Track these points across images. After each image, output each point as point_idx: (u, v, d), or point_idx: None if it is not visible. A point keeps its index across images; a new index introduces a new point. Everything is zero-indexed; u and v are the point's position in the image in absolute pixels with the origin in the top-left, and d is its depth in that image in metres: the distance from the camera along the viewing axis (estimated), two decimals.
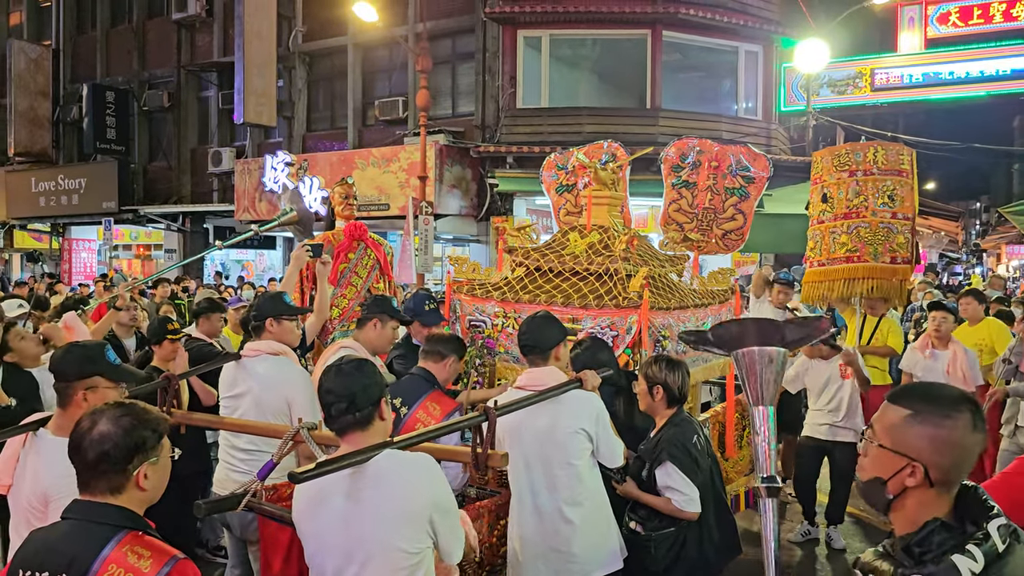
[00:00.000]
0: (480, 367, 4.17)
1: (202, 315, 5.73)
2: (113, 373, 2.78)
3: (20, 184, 21.22)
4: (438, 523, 2.31)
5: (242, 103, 16.64)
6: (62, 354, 2.85)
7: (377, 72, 17.13)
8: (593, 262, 4.15)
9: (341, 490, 2.30)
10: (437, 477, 2.35)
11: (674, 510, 3.36)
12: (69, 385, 2.73)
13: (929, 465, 1.54)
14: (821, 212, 6.11)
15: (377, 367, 2.49)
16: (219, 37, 18.52)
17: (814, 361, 5.65)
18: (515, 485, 3.30)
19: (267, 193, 16.40)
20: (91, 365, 2.74)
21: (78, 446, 2.00)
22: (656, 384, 3.46)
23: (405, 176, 14.47)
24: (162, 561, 1.90)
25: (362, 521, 2.27)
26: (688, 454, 3.37)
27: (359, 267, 6.48)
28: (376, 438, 2.36)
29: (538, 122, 14.67)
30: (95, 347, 2.84)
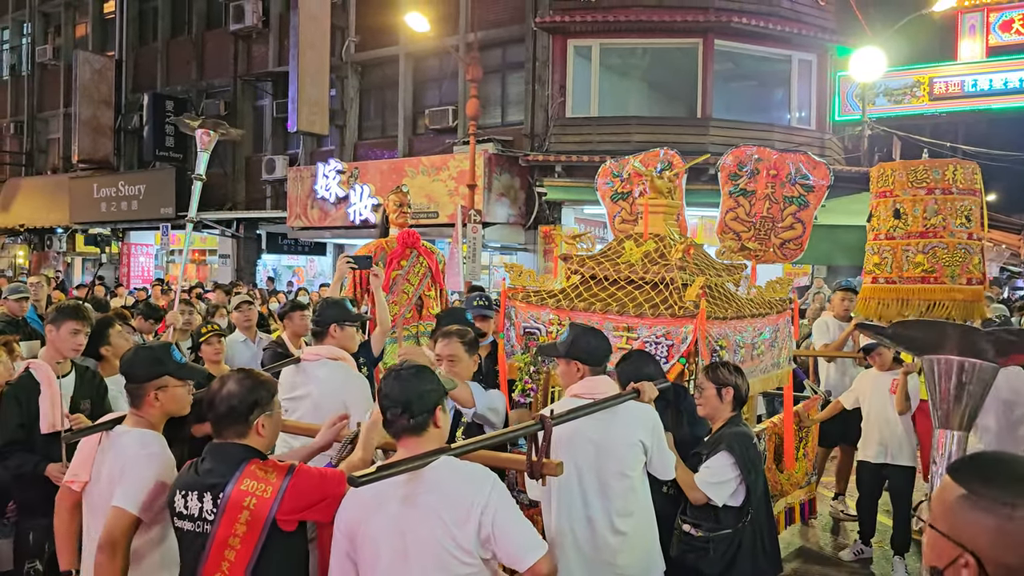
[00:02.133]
0: (535, 374, 4.16)
1: (284, 317, 5.83)
2: (180, 372, 2.88)
3: (82, 190, 21.87)
4: (493, 533, 2.27)
5: (295, 112, 16.92)
6: (131, 357, 2.94)
7: (428, 81, 17.30)
8: (649, 271, 4.12)
9: (397, 495, 2.31)
10: (495, 486, 2.33)
11: (690, 484, 3.40)
12: (140, 386, 2.82)
13: (985, 560, 1.26)
14: (892, 227, 5.91)
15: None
16: (274, 48, 18.89)
17: (870, 376, 5.53)
18: (565, 494, 3.27)
19: (319, 200, 16.64)
20: (160, 366, 2.83)
21: (212, 402, 2.54)
22: (727, 386, 3.53)
23: (454, 184, 14.56)
24: (284, 471, 2.46)
25: (418, 527, 2.28)
26: (750, 448, 3.43)
27: (411, 275, 6.53)
28: (431, 444, 2.36)
29: (587, 131, 14.66)
30: (162, 348, 2.93)
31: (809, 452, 5.21)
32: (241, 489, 2.41)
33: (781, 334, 4.57)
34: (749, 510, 3.45)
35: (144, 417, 2.81)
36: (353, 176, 16.16)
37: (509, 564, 2.32)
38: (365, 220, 15.77)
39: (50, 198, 23.03)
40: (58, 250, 23.94)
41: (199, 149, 6.13)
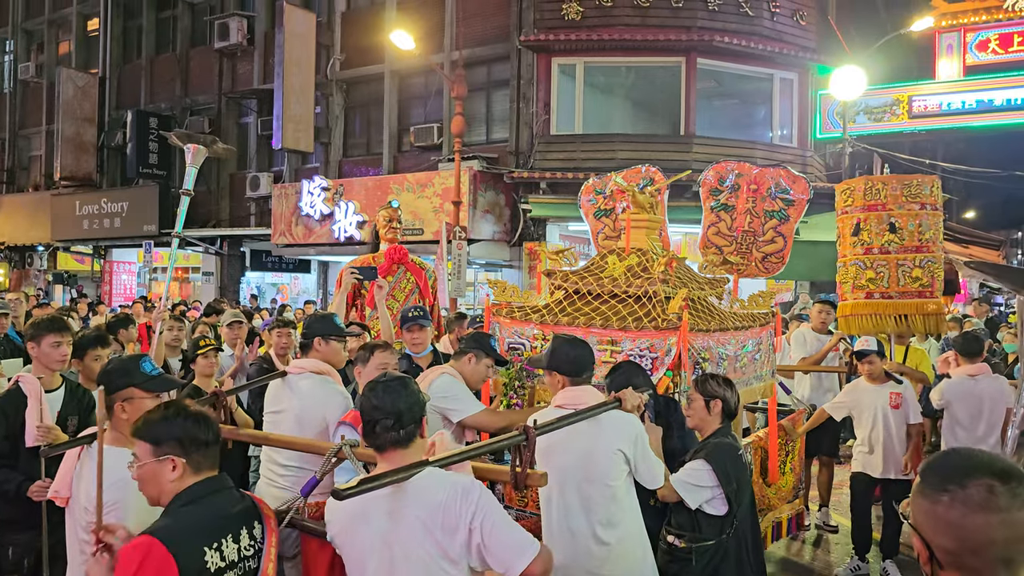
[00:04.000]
0: (519, 389, 4.17)
1: (271, 332, 5.83)
2: (148, 384, 2.84)
3: (64, 207, 21.74)
4: (483, 541, 2.27)
5: (280, 129, 16.95)
6: (103, 369, 2.96)
7: (413, 99, 17.37)
8: (632, 284, 4.15)
9: (382, 508, 2.31)
10: (482, 493, 2.33)
11: (654, 476, 3.34)
12: (110, 398, 2.81)
13: (932, 546, 1.37)
14: (887, 242, 5.94)
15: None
16: (259, 65, 18.92)
17: (863, 389, 5.58)
18: (545, 505, 3.28)
19: (303, 217, 16.63)
20: (126, 378, 2.82)
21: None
22: (715, 398, 3.58)
23: (439, 201, 14.60)
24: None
25: (406, 540, 2.27)
26: (733, 461, 3.46)
27: (396, 290, 6.55)
28: (416, 456, 2.37)
29: (572, 148, 14.75)
30: (130, 361, 2.91)
31: (796, 466, 5.24)
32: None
33: (764, 347, 4.60)
34: (733, 521, 3.46)
35: (121, 432, 2.79)
36: (338, 193, 16.17)
37: (502, 570, 2.30)
38: (350, 237, 15.76)
39: (31, 215, 22.88)
40: (39, 268, 23.74)
41: (188, 164, 6.12)
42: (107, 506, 2.61)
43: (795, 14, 15.01)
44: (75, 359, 4.31)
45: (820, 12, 15.58)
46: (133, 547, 2.12)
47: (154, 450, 2.27)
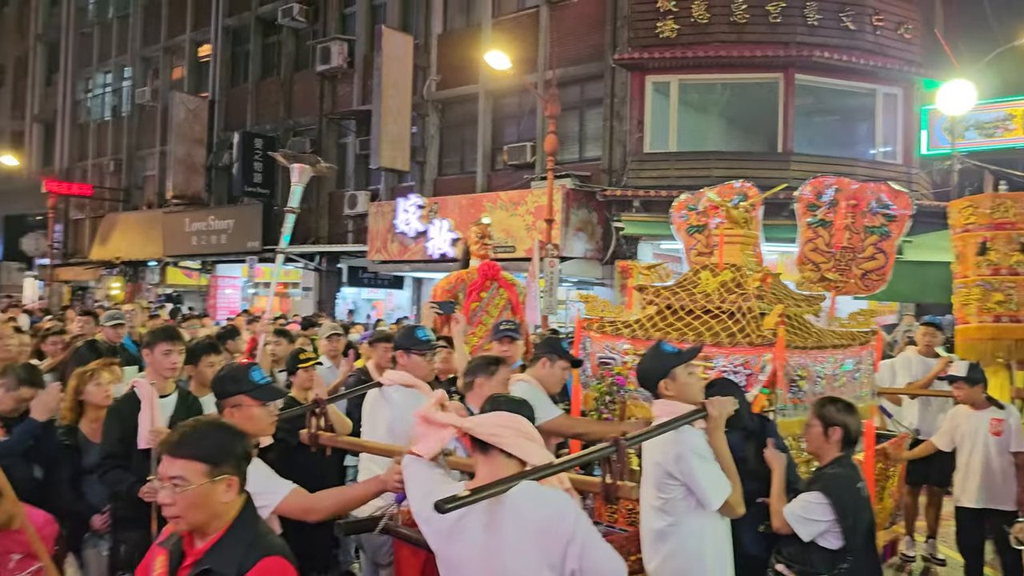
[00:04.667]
0: (610, 404, 4.16)
1: (372, 345, 5.98)
2: (256, 392, 2.96)
3: (175, 225, 22.90)
4: (579, 567, 2.27)
5: (378, 149, 17.41)
6: (216, 377, 3.11)
7: (506, 118, 17.59)
8: (725, 300, 4.09)
9: (479, 521, 2.32)
10: (578, 515, 2.34)
11: (778, 511, 3.31)
12: (220, 404, 2.95)
13: None
14: (1017, 263, 5.61)
15: (529, 404, 2.56)
16: (358, 87, 19.53)
17: (963, 415, 5.31)
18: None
19: (399, 235, 17.02)
20: (235, 385, 2.95)
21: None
22: (834, 425, 3.44)
23: (531, 219, 14.70)
24: None
25: (504, 555, 2.28)
26: (850, 493, 3.33)
27: (490, 306, 6.61)
28: (514, 468, 2.40)
29: (665, 166, 14.63)
30: (241, 369, 3.04)
31: (895, 492, 5.03)
32: None
33: (864, 367, 4.45)
34: (847, 556, 3.31)
35: None
36: (432, 211, 16.49)
37: None
38: (444, 254, 16.03)
39: (144, 232, 24.17)
40: (151, 282, 25.02)
41: (293, 183, 6.36)
42: None
43: (899, 27, 14.52)
44: (189, 365, 4.54)
45: (926, 25, 15.02)
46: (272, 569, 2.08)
47: (210, 470, 2.08)
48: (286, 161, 6.29)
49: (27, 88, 31.20)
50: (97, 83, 28.60)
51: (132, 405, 3.95)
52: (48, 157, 30.08)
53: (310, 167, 6.24)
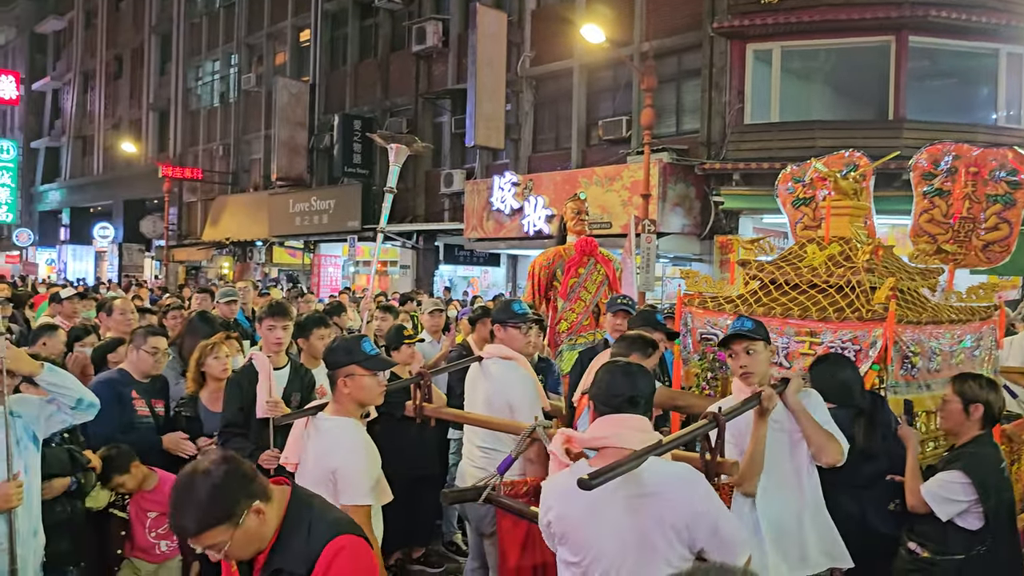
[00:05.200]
0: (712, 380, 4.10)
1: (475, 322, 6.06)
2: (367, 362, 3.04)
3: (280, 205, 23.71)
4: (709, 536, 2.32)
5: (473, 127, 17.52)
6: (328, 348, 3.22)
7: (601, 92, 17.39)
8: (833, 274, 3.95)
9: (617, 496, 2.33)
10: (708, 489, 2.38)
11: (914, 489, 3.23)
12: (334, 374, 3.05)
13: None
14: None
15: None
16: (453, 66, 19.67)
17: None
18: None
19: (494, 212, 17.13)
20: (347, 356, 3.04)
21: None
22: (976, 402, 3.32)
23: (627, 195, 14.53)
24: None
25: (635, 527, 2.31)
26: (992, 474, 3.21)
27: (588, 282, 6.59)
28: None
29: (767, 138, 14.17)
30: (353, 340, 3.14)
31: (1021, 475, 4.77)
32: None
33: (984, 343, 4.23)
34: (986, 538, 3.20)
35: (341, 404, 3.04)
36: (528, 188, 16.51)
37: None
38: (539, 231, 16.05)
39: (251, 213, 25.13)
40: (257, 261, 26.04)
41: (391, 163, 6.48)
42: (326, 472, 2.87)
43: None
44: (301, 338, 4.73)
45: None
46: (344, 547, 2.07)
47: (233, 522, 1.99)
48: (383, 142, 6.42)
49: (143, 78, 32.77)
50: (206, 71, 29.79)
51: (251, 376, 4.15)
52: (163, 143, 31.59)
53: (406, 147, 6.35)
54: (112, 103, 34.98)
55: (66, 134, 38.26)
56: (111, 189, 33.90)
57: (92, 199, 35.65)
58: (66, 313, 7.59)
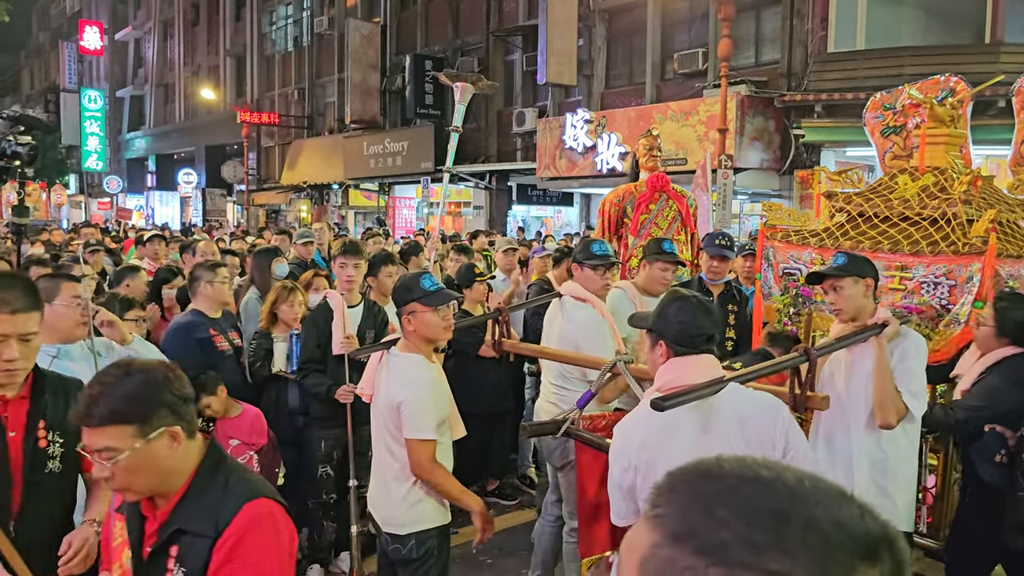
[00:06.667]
0: (794, 316, 3.99)
1: (558, 263, 6.15)
2: (427, 299, 3.03)
3: (354, 149, 23.93)
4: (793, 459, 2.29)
5: (544, 64, 17.23)
6: (393, 288, 3.31)
7: (676, 24, 16.82)
8: (927, 206, 3.76)
9: (692, 420, 2.31)
10: (788, 414, 2.34)
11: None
12: (400, 312, 3.09)
13: None
14: None
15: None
16: (524, 2, 19.31)
17: None
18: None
19: (567, 151, 16.91)
20: (408, 294, 3.06)
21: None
22: None
23: (704, 129, 14.13)
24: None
25: (718, 451, 2.27)
26: None
27: (659, 218, 6.47)
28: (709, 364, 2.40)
29: (852, 66, 13.50)
30: (413, 278, 3.15)
31: None
32: None
33: None
34: None
35: (409, 341, 3.08)
36: (600, 125, 16.22)
37: None
38: (612, 169, 15.80)
39: (327, 157, 25.44)
40: (334, 204, 26.45)
41: (456, 102, 6.42)
42: (393, 405, 2.94)
43: None
44: (370, 276, 4.82)
45: None
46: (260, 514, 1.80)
47: (139, 430, 1.73)
48: (449, 80, 6.36)
49: (219, 25, 33.21)
50: (279, 16, 29.97)
51: (326, 314, 4.25)
52: (240, 89, 32.12)
53: (472, 85, 6.27)
54: (191, 50, 35.64)
55: (148, 82, 39.26)
56: (193, 136, 34.76)
57: (175, 146, 36.66)
58: (151, 255, 7.90)
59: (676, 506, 0.70)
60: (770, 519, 0.65)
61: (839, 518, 0.66)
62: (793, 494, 0.67)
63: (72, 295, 3.13)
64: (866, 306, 3.09)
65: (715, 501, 0.67)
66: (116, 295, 3.91)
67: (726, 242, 4.96)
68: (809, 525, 0.65)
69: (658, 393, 2.26)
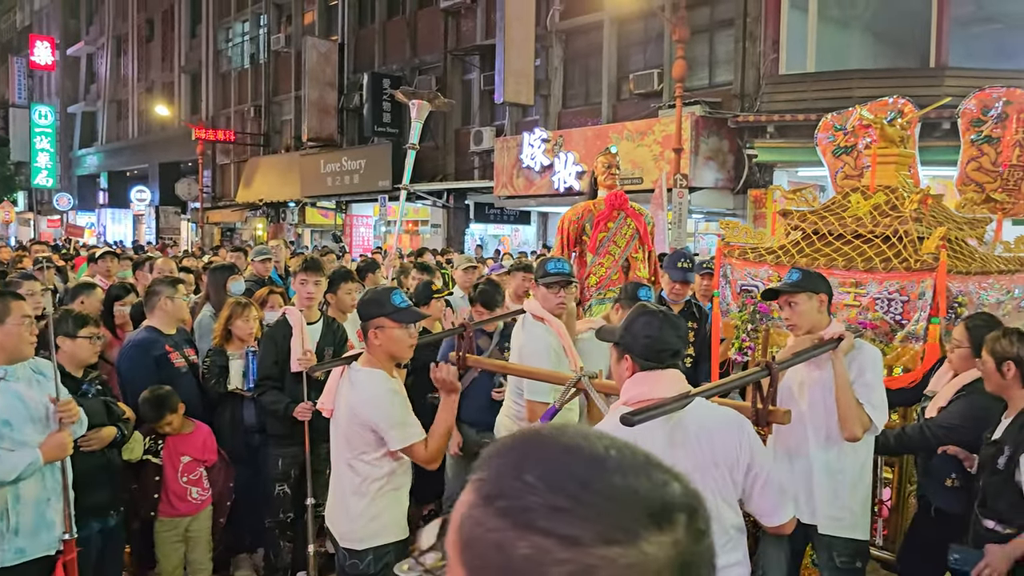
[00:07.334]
0: (752, 332, 4.04)
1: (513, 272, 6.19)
2: (397, 315, 3.02)
3: (311, 166, 23.75)
4: (754, 484, 2.32)
5: (502, 84, 17.33)
6: (360, 300, 3.26)
7: (632, 45, 17.06)
8: (879, 224, 3.85)
9: (661, 434, 2.30)
10: (752, 432, 2.37)
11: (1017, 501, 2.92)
12: (365, 325, 3.07)
13: None
14: None
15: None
16: (481, 22, 19.41)
17: None
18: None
19: (524, 169, 17.00)
20: (378, 308, 3.03)
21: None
22: (1007, 360, 3.04)
23: (659, 149, 14.32)
24: None
25: (686, 466, 2.28)
26: None
27: (618, 236, 6.51)
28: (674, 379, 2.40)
29: (802, 88, 13.82)
30: (383, 292, 3.13)
31: None
32: None
33: None
34: None
35: (372, 356, 3.05)
36: (558, 144, 16.34)
37: (757, 515, 2.35)
38: (569, 188, 15.91)
39: (284, 175, 25.21)
40: (291, 222, 26.19)
41: (413, 120, 6.43)
42: (363, 425, 2.91)
43: None
44: (329, 293, 4.78)
45: None
46: None
47: None
48: (405, 98, 6.38)
49: (174, 41, 32.81)
50: (236, 32, 29.72)
51: (285, 331, 4.20)
52: (195, 106, 31.72)
53: (428, 103, 6.29)
54: (145, 66, 35.13)
55: (101, 98, 38.57)
56: (146, 152, 34.19)
57: (128, 163, 36.02)
58: (103, 273, 7.75)
59: (493, 470, 0.72)
60: (573, 485, 0.68)
61: (636, 486, 0.68)
62: (599, 462, 0.70)
63: (22, 315, 3.08)
64: (820, 321, 3.15)
65: (528, 467, 0.70)
66: (69, 311, 3.81)
67: (688, 264, 5.01)
68: (603, 491, 0.68)
69: (625, 407, 2.27)
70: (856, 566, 3.15)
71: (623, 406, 2.31)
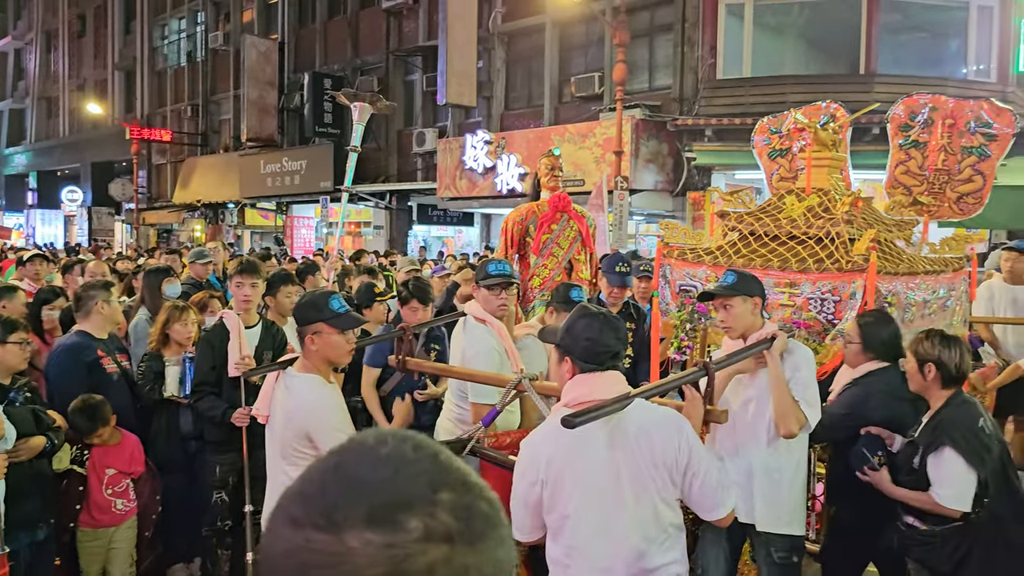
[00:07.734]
0: (691, 331, 4.11)
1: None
2: (335, 320, 2.96)
3: (251, 167, 23.33)
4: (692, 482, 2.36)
5: (444, 85, 17.27)
6: (297, 304, 3.19)
7: (574, 49, 17.20)
8: (812, 225, 3.95)
9: (601, 435, 2.33)
10: (692, 432, 2.41)
11: (934, 507, 3.05)
12: (302, 330, 3.00)
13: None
14: None
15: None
16: (424, 22, 19.33)
17: None
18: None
19: (467, 171, 16.98)
20: (316, 313, 2.97)
21: None
22: (928, 362, 3.13)
23: (600, 152, 14.45)
24: None
25: (632, 466, 2.33)
26: (975, 438, 3.04)
27: (561, 238, 6.56)
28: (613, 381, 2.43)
29: (739, 93, 14.12)
30: (321, 297, 3.06)
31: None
32: None
33: (957, 294, 4.27)
34: (983, 499, 3.05)
35: (308, 361, 3.00)
36: (500, 146, 16.37)
37: (697, 510, 2.38)
38: (512, 189, 15.95)
39: (222, 175, 24.71)
40: (230, 223, 25.68)
41: (355, 122, 6.37)
42: (298, 433, 2.86)
43: None
44: (268, 296, 4.70)
45: None
46: None
47: None
48: (347, 100, 6.32)
49: (107, 37, 31.88)
50: (172, 30, 29.04)
51: (222, 335, 4.11)
52: (130, 104, 30.88)
53: (370, 105, 6.24)
54: (76, 63, 34.07)
55: (30, 95, 37.28)
56: (78, 152, 33.15)
57: (59, 162, 34.88)
58: (31, 276, 7.49)
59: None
60: (323, 475, 0.72)
61: (369, 478, 0.70)
62: (357, 457, 0.73)
63: None
64: (755, 323, 3.23)
65: (321, 468, 0.74)
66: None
67: (626, 268, 5.04)
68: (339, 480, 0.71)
69: (566, 409, 2.28)
70: (793, 560, 3.22)
71: (564, 408, 2.33)
